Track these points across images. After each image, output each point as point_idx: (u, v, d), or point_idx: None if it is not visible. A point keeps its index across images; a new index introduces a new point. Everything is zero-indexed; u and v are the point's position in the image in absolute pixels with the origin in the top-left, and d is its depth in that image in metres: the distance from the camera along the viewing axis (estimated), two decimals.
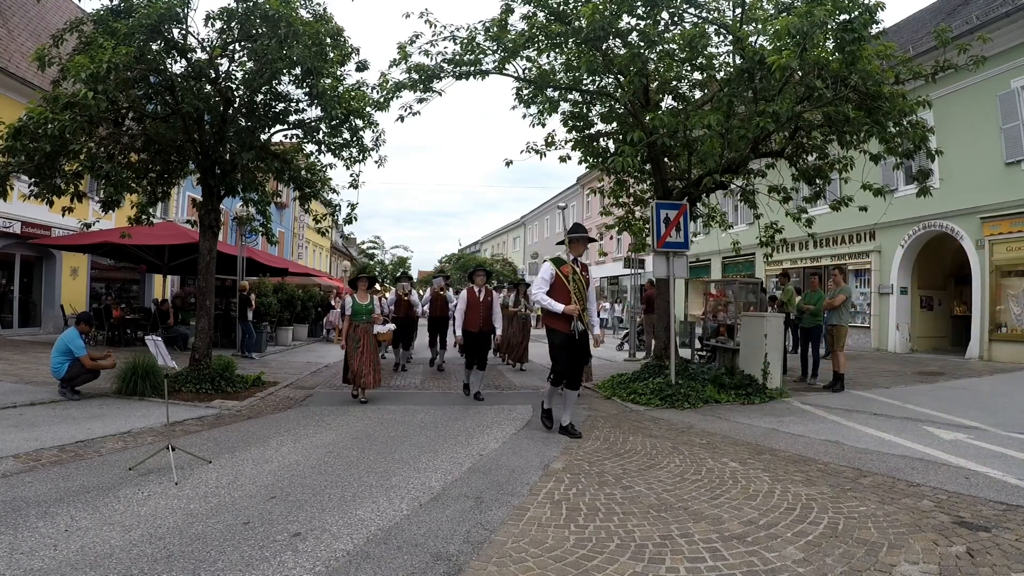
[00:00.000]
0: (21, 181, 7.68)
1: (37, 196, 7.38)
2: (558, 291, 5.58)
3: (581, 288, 5.58)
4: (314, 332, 20.29)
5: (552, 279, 5.65)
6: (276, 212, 19.57)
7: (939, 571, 2.74)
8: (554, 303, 5.50)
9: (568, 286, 5.54)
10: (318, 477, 4.29)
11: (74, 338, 7.05)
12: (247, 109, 8.34)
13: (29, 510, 3.44)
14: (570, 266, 5.63)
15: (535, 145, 9.88)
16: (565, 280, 5.59)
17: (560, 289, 5.60)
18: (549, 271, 5.68)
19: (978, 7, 13.50)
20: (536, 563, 2.87)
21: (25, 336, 14.29)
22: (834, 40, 6.59)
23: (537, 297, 5.67)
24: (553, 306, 5.49)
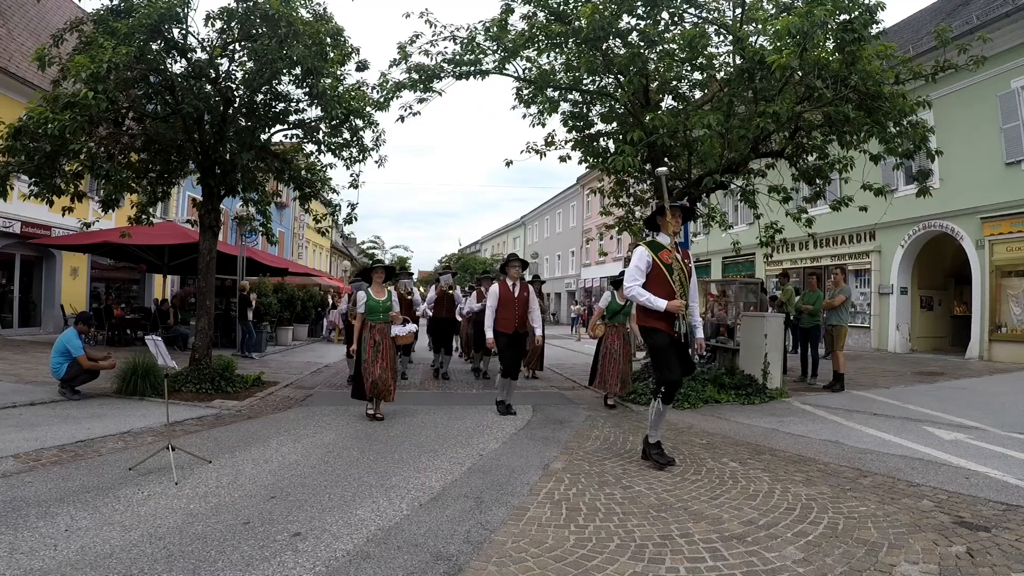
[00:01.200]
0: (21, 181, 7.67)
1: (37, 196, 7.38)
2: (656, 283, 4.48)
3: (684, 280, 4.53)
4: (314, 332, 20.30)
5: (649, 268, 4.53)
6: (276, 212, 19.58)
7: (939, 571, 2.74)
8: (655, 299, 4.39)
9: (669, 277, 4.46)
10: (318, 477, 4.29)
11: (72, 338, 7.05)
12: (247, 109, 8.34)
13: (29, 510, 3.44)
14: (671, 251, 4.54)
15: (535, 145, 9.87)
16: (666, 270, 4.48)
17: (659, 281, 4.49)
18: (645, 258, 4.53)
19: (978, 7, 13.50)
20: (536, 563, 2.87)
21: (25, 336, 14.29)
22: (834, 40, 6.59)
23: (633, 292, 4.51)
24: (654, 303, 4.39)
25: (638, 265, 4.54)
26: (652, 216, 4.83)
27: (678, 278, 4.47)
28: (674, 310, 4.38)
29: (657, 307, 4.39)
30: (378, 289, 6.54)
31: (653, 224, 4.82)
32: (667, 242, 4.59)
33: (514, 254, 7.40)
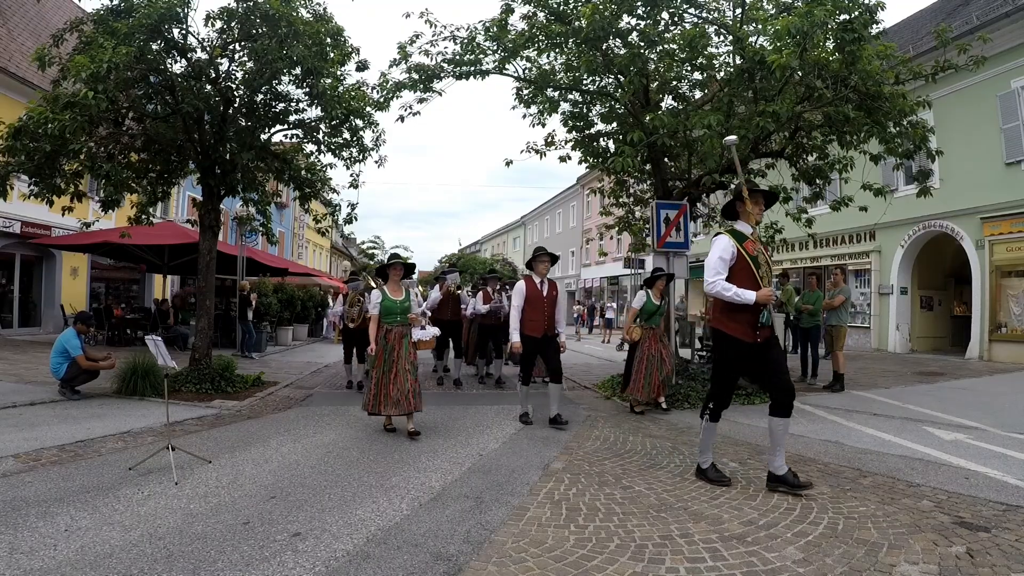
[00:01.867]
0: (21, 181, 7.68)
1: (37, 196, 7.38)
2: (740, 277, 3.90)
3: (770, 275, 4.02)
4: (314, 332, 20.30)
5: (733, 260, 3.92)
6: (276, 212, 19.59)
7: (939, 571, 2.74)
8: (743, 291, 3.80)
9: (756, 271, 3.91)
10: (318, 477, 4.29)
11: (71, 338, 7.05)
12: (247, 109, 8.34)
13: (29, 510, 3.44)
14: (756, 242, 4.03)
15: (535, 145, 9.88)
16: (751, 262, 3.92)
17: (744, 275, 3.90)
18: (729, 248, 3.93)
19: (978, 7, 13.50)
20: (536, 563, 2.87)
21: (25, 336, 14.29)
22: (834, 40, 6.59)
23: (717, 287, 3.85)
24: (742, 295, 3.79)
25: (722, 256, 3.92)
26: (730, 204, 4.24)
27: (765, 273, 3.94)
28: (765, 300, 3.81)
29: (747, 299, 3.79)
30: (395, 287, 5.76)
31: (731, 212, 4.25)
32: (749, 232, 4.06)
33: (542, 247, 6.52)
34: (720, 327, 4.02)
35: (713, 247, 4.01)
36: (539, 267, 6.23)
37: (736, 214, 4.20)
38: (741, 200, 4.10)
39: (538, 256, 6.28)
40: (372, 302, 5.73)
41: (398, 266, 5.82)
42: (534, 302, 6.12)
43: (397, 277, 5.79)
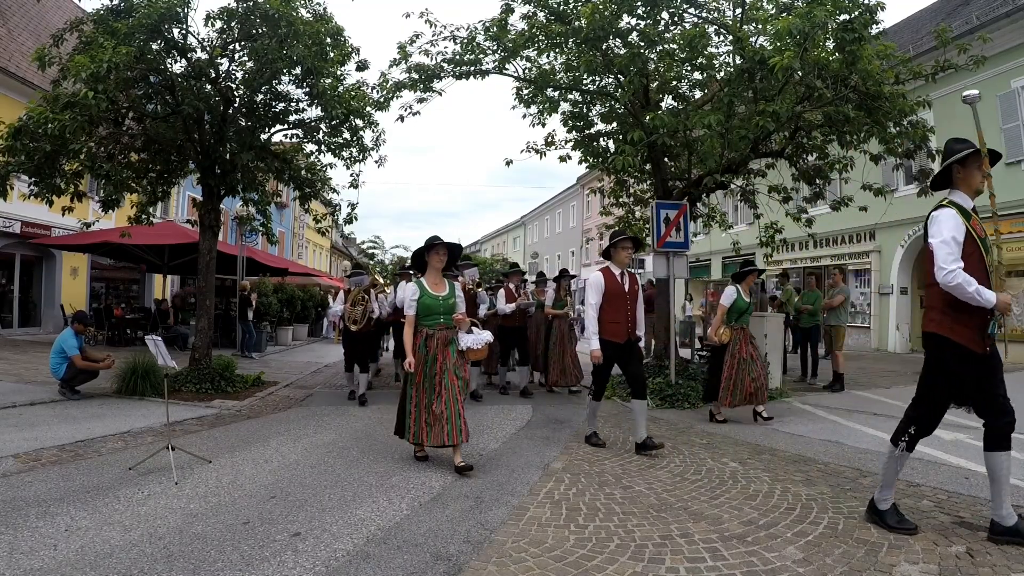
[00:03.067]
0: (21, 181, 7.68)
1: (37, 196, 7.38)
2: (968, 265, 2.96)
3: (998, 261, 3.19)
4: (314, 332, 20.31)
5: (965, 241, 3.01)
6: (276, 212, 19.60)
7: (939, 571, 2.74)
8: (983, 290, 2.91)
9: (986, 257, 3.07)
10: (318, 477, 4.29)
11: (68, 338, 7.05)
12: (247, 109, 8.34)
13: (29, 510, 3.44)
14: (979, 221, 3.18)
15: (535, 145, 9.89)
16: (979, 244, 3.06)
17: (973, 263, 3.00)
18: (961, 227, 3.01)
19: (978, 7, 13.50)
20: (536, 563, 2.87)
21: (25, 336, 14.29)
22: (834, 40, 6.60)
23: (956, 280, 2.89)
24: (983, 296, 2.90)
25: (955, 237, 2.96)
26: (946, 169, 3.27)
27: (994, 263, 3.10)
28: (1005, 309, 2.96)
29: (986, 301, 2.90)
30: (436, 280, 4.58)
31: (945, 179, 3.31)
32: (970, 206, 3.17)
33: (619, 230, 5.22)
34: (942, 331, 3.08)
35: (939, 224, 3.01)
36: (620, 255, 5.01)
37: (950, 181, 3.28)
38: (962, 164, 3.18)
39: (619, 242, 5.00)
40: (407, 298, 4.55)
41: (440, 250, 4.54)
42: (615, 299, 4.95)
43: (439, 265, 4.58)
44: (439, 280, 4.61)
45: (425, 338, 4.49)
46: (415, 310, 4.50)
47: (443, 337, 4.50)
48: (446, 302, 4.54)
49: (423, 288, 4.53)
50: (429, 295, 4.51)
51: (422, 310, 4.51)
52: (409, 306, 4.52)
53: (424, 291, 4.52)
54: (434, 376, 4.43)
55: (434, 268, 4.59)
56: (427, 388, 4.44)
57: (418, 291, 4.51)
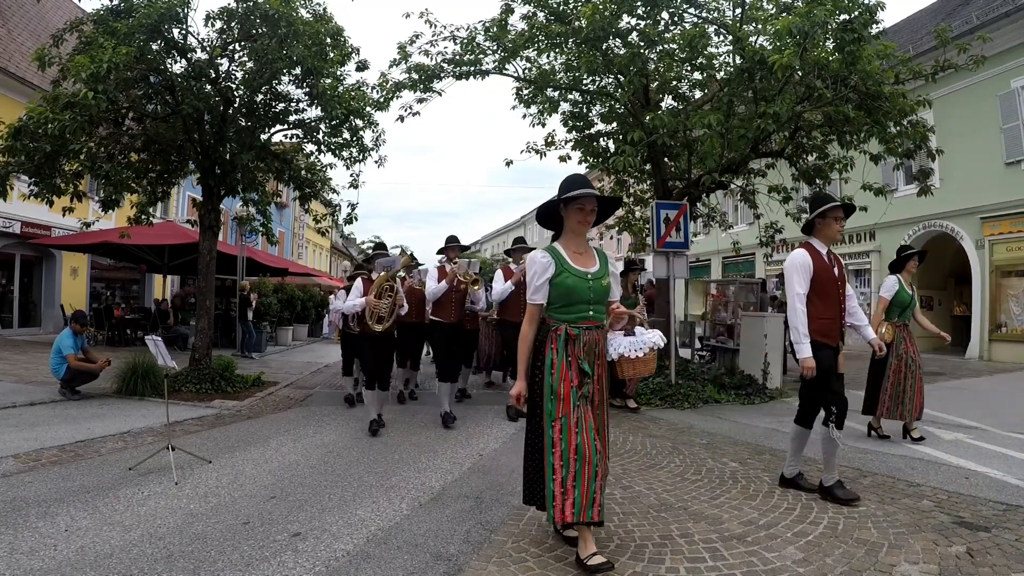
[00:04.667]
0: (21, 181, 7.68)
1: (37, 196, 7.38)
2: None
3: None
4: (314, 332, 20.30)
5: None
6: (276, 212, 19.59)
7: (939, 571, 2.74)
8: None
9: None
10: (318, 477, 4.29)
11: (64, 338, 7.05)
12: (247, 109, 8.34)
13: (29, 510, 3.44)
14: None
15: (535, 145, 9.89)
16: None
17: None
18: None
19: (978, 7, 13.50)
20: (536, 563, 2.87)
21: (25, 336, 14.29)
22: (834, 40, 6.60)
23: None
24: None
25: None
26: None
27: None
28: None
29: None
30: (580, 247, 2.95)
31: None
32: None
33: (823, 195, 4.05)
34: None
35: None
36: (829, 228, 3.83)
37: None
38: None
39: (828, 211, 3.79)
40: (534, 277, 2.85)
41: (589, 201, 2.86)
42: (826, 286, 3.72)
43: (586, 226, 2.91)
44: (585, 248, 2.92)
45: (564, 342, 2.80)
46: (545, 296, 2.84)
47: (595, 339, 2.86)
48: (598, 283, 2.84)
49: (561, 260, 2.83)
50: (572, 271, 2.81)
51: (559, 297, 2.83)
52: (536, 290, 2.83)
53: (563, 264, 2.82)
54: (578, 409, 2.76)
55: (577, 230, 2.91)
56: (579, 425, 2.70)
57: (553, 264, 2.81)
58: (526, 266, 2.84)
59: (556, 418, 2.74)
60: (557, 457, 2.72)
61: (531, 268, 2.88)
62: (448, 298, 6.16)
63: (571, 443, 2.71)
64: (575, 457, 2.69)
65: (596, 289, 2.84)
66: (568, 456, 2.70)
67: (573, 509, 2.66)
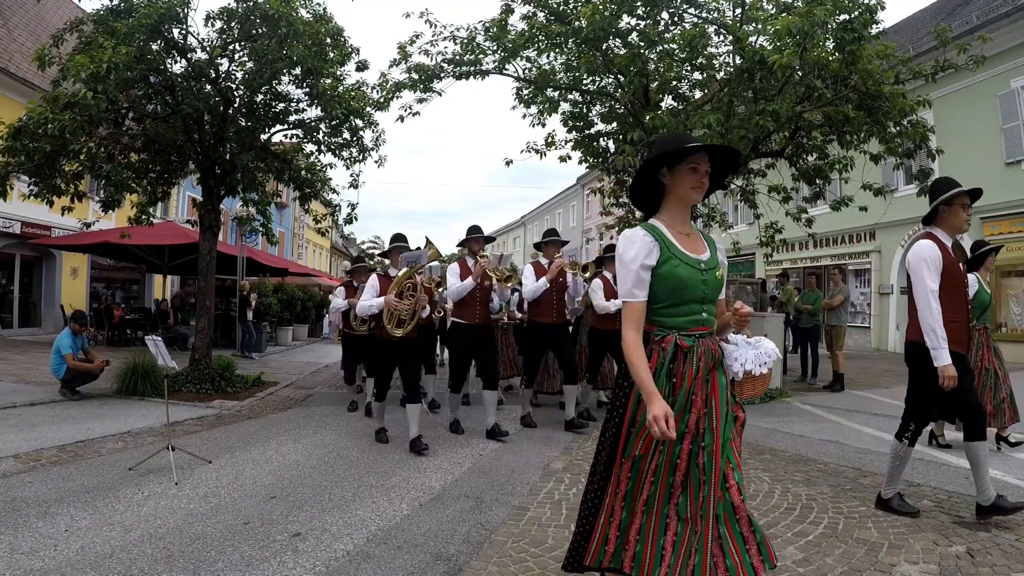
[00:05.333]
0: (21, 181, 7.68)
1: (37, 196, 7.38)
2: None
3: None
4: (314, 332, 20.31)
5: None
6: (276, 212, 19.61)
7: (939, 571, 2.74)
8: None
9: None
10: (318, 477, 4.29)
11: (63, 338, 7.06)
12: (247, 109, 8.34)
13: (29, 510, 3.44)
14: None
15: (535, 145, 9.88)
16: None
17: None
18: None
19: (978, 7, 13.50)
20: (536, 563, 2.87)
21: (25, 336, 14.29)
22: (834, 40, 6.60)
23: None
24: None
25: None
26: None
27: None
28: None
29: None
30: (685, 228, 2.15)
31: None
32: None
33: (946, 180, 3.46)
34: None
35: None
36: (956, 217, 3.33)
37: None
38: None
39: (954, 197, 3.31)
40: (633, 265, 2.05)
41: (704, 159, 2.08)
42: (954, 283, 3.32)
43: (698, 194, 2.11)
44: (690, 230, 2.15)
45: (672, 353, 2.03)
46: (646, 292, 2.05)
47: (711, 351, 2.06)
48: (712, 274, 2.09)
49: (667, 242, 2.07)
50: (683, 258, 2.06)
51: (666, 293, 2.05)
52: (635, 283, 2.04)
53: (671, 248, 2.06)
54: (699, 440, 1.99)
55: (688, 200, 2.12)
56: (657, 473, 2.00)
57: (657, 247, 2.05)
58: (620, 248, 2.08)
59: (629, 455, 2.03)
60: (618, 498, 2.07)
61: (628, 251, 2.05)
62: (473, 297, 5.51)
63: (641, 490, 2.01)
64: (642, 510, 2.02)
65: (711, 283, 2.08)
66: (633, 505, 2.03)
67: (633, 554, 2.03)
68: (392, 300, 4.85)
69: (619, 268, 2.10)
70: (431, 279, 5.57)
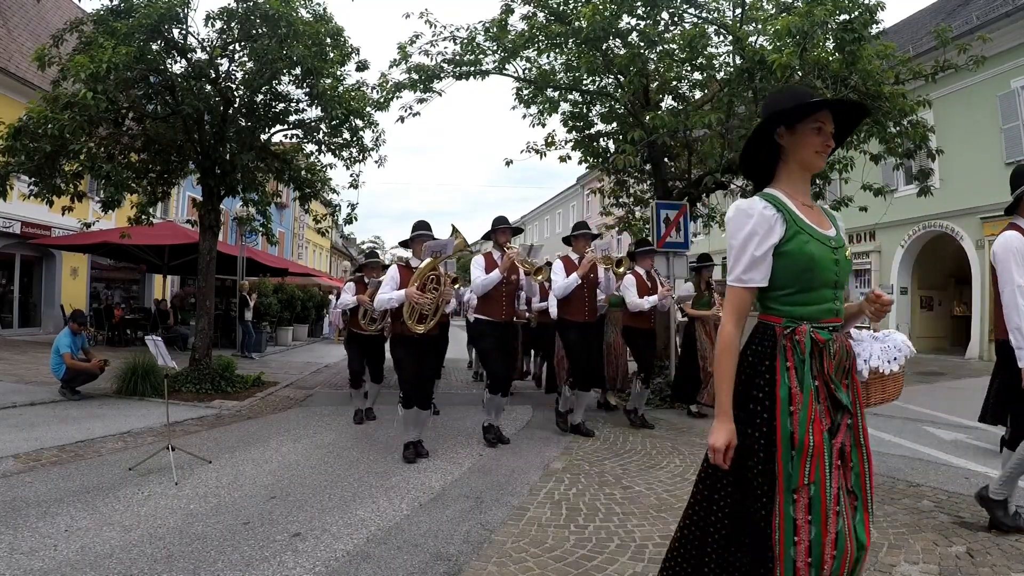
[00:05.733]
0: (21, 181, 7.68)
1: (37, 196, 7.38)
2: None
3: None
4: (314, 332, 20.32)
5: None
6: (276, 212, 19.62)
7: (939, 571, 2.74)
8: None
9: None
10: (318, 477, 4.28)
11: (62, 338, 7.06)
12: (247, 109, 8.35)
13: (29, 510, 3.44)
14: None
15: (535, 145, 9.88)
16: None
17: None
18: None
19: (978, 7, 13.50)
20: (536, 563, 2.87)
21: (25, 336, 14.28)
22: (834, 40, 6.60)
23: None
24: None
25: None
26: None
27: None
28: None
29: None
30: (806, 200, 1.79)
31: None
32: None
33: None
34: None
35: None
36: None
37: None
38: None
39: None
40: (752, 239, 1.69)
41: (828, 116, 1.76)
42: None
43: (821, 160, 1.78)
44: (812, 203, 1.82)
45: (810, 354, 1.69)
46: (766, 276, 1.74)
47: (845, 349, 1.76)
48: (842, 254, 1.79)
49: (792, 216, 1.73)
50: (812, 232, 1.73)
51: (794, 276, 1.73)
52: (752, 264, 1.72)
53: (798, 221, 1.73)
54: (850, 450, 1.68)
55: (810, 165, 1.80)
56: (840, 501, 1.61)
57: (780, 219, 1.72)
58: (731, 223, 1.74)
59: (801, 485, 1.58)
60: (802, 554, 1.56)
61: (742, 226, 1.71)
62: (499, 291, 5.10)
63: (828, 530, 1.57)
64: (834, 553, 1.56)
65: (843, 264, 1.78)
66: (822, 553, 1.56)
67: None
68: (414, 293, 4.45)
69: (730, 247, 1.75)
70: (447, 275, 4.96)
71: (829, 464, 1.60)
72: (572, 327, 5.38)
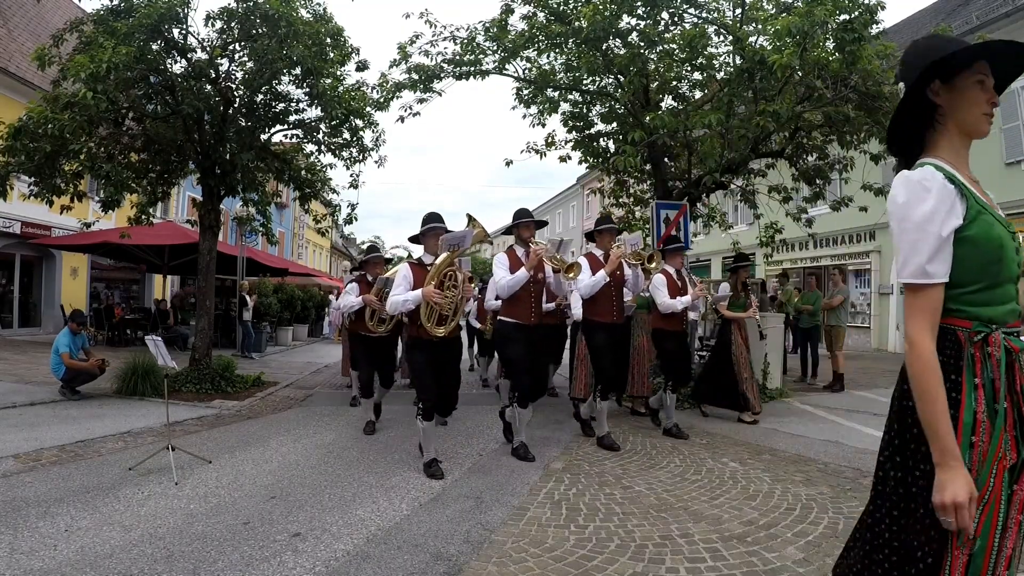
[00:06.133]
0: (21, 181, 7.68)
1: (37, 196, 7.39)
2: None
3: None
4: (314, 332, 20.31)
5: None
6: (276, 212, 19.62)
7: None
8: None
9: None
10: (318, 477, 4.29)
11: (61, 337, 7.06)
12: (247, 109, 8.34)
13: (29, 510, 3.44)
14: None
15: (535, 145, 9.88)
16: None
17: None
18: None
19: (978, 7, 13.50)
20: (536, 563, 2.87)
21: (25, 336, 14.28)
22: (834, 40, 6.59)
23: None
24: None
25: None
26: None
27: None
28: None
29: None
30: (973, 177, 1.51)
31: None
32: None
33: None
34: None
35: None
36: None
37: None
38: None
39: None
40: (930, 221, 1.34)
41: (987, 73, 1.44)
42: None
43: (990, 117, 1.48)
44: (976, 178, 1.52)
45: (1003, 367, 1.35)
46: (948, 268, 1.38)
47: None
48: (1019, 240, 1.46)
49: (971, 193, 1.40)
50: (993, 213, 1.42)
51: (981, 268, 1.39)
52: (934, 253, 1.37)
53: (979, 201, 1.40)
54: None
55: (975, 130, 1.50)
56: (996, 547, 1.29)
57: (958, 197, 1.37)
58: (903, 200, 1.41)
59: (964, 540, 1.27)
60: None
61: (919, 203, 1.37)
62: (527, 292, 4.65)
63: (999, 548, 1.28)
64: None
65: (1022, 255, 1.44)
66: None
67: None
68: (432, 292, 4.04)
69: (904, 232, 1.39)
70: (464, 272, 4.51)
71: (1004, 516, 1.26)
72: (600, 328, 4.99)
